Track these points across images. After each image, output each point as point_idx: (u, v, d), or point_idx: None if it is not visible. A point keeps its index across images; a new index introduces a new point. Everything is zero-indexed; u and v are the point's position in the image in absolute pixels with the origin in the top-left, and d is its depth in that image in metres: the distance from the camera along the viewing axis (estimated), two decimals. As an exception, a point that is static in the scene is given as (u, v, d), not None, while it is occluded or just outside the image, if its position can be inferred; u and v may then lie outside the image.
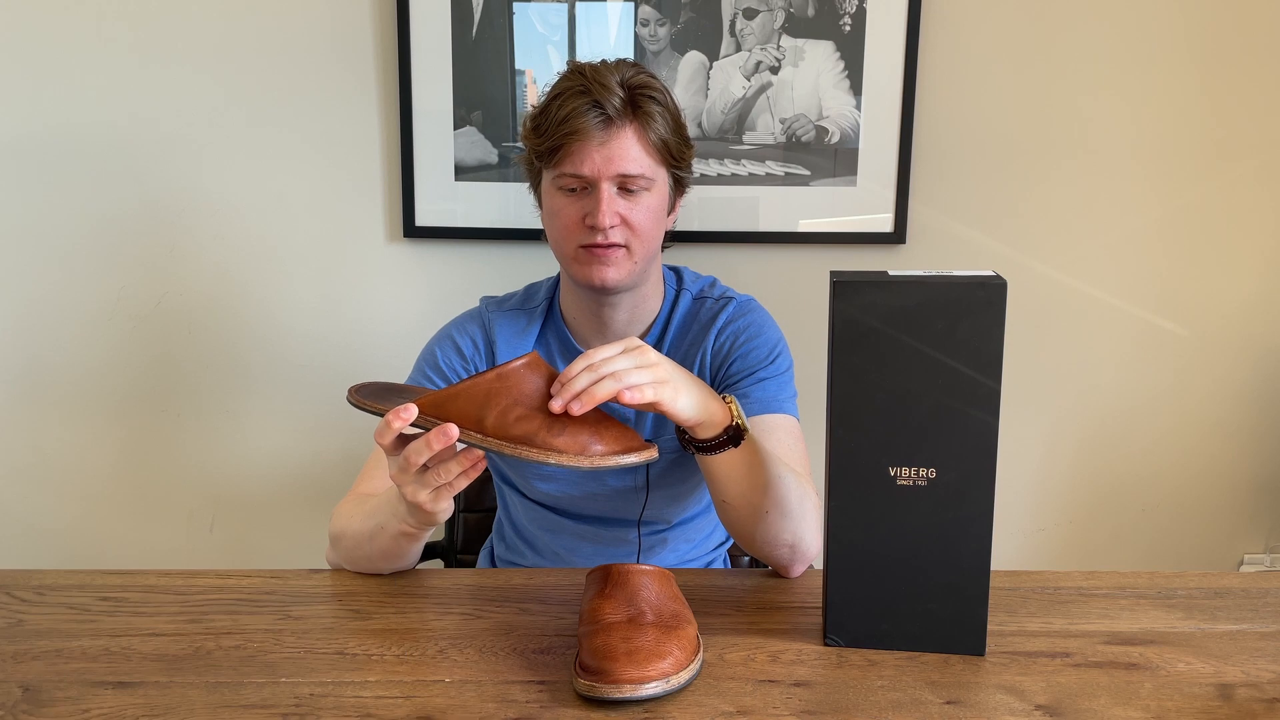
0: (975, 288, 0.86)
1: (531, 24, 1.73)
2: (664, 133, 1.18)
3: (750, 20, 1.73)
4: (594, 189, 1.17)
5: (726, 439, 1.01)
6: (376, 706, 0.84)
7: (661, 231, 1.24)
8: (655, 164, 1.19)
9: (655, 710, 0.83)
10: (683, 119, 1.23)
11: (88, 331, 1.84)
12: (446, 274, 1.83)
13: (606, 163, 1.15)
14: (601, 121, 1.15)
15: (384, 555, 1.08)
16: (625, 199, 1.18)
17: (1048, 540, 1.96)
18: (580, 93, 1.15)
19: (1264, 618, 1.00)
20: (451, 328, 1.33)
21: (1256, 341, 1.88)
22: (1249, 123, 1.79)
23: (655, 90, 1.18)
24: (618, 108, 1.15)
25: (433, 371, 1.28)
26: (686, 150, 1.23)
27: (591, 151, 1.15)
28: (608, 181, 1.16)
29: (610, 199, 1.16)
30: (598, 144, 1.15)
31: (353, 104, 1.77)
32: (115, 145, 1.78)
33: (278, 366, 1.86)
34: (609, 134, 1.15)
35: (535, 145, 1.20)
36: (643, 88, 1.17)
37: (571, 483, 1.28)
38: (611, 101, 1.14)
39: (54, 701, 0.85)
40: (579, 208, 1.18)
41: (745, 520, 1.07)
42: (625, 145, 1.16)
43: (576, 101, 1.15)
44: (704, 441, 1.01)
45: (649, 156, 1.18)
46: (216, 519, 1.92)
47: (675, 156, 1.21)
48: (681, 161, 1.23)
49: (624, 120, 1.16)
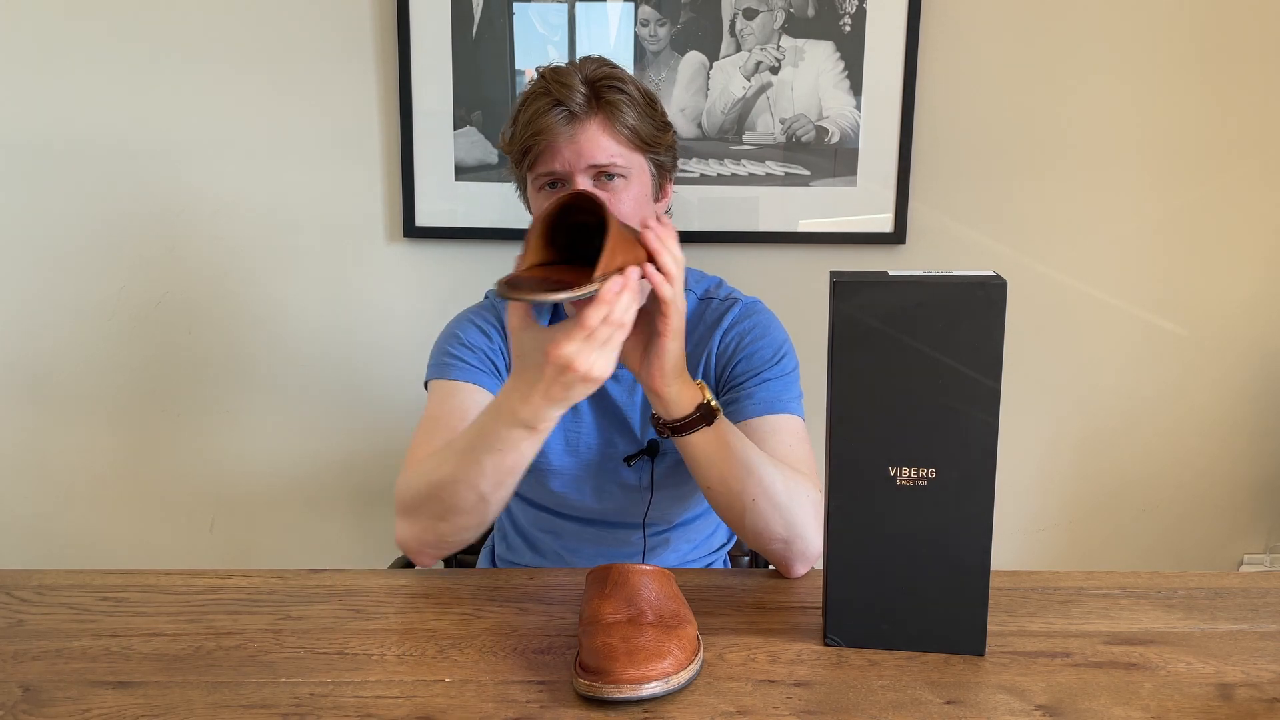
0: (975, 288, 0.86)
1: (531, 24, 1.73)
2: (632, 120, 1.18)
3: (750, 20, 1.73)
4: (570, 183, 1.17)
5: (699, 416, 1.03)
6: (376, 706, 0.84)
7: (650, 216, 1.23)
8: (628, 151, 1.19)
9: (655, 710, 0.83)
10: (657, 103, 1.23)
11: (88, 331, 1.84)
12: (446, 274, 1.83)
13: (576, 156, 1.16)
14: (565, 118, 1.16)
15: (508, 470, 1.04)
16: (604, 190, 1.18)
17: (1048, 540, 1.96)
18: (542, 94, 1.17)
19: (1264, 618, 1.00)
20: (467, 314, 1.32)
21: (1257, 342, 1.88)
22: (1250, 123, 1.79)
23: (618, 80, 1.19)
24: (580, 103, 1.16)
25: (462, 349, 1.26)
26: (662, 135, 1.23)
27: (560, 148, 1.17)
28: (581, 174, 1.17)
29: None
30: (565, 140, 1.16)
31: (353, 104, 1.77)
32: (115, 145, 1.78)
33: (278, 366, 1.86)
34: (575, 129, 1.16)
35: (510, 151, 1.23)
36: (604, 79, 1.18)
37: (579, 481, 1.28)
38: (574, 98, 1.16)
39: (54, 701, 0.85)
40: None
41: (733, 508, 1.08)
42: (592, 136, 1.17)
43: (539, 103, 1.17)
44: (677, 421, 1.04)
45: (619, 144, 1.18)
46: (216, 519, 1.92)
47: (649, 142, 1.21)
48: (658, 146, 1.22)
49: (589, 113, 1.17)
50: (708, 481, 1.08)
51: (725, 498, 1.08)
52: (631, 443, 1.26)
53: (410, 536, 1.13)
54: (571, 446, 1.26)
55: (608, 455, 1.26)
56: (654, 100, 1.23)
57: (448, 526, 1.10)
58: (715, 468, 1.06)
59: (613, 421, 1.26)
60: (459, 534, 1.11)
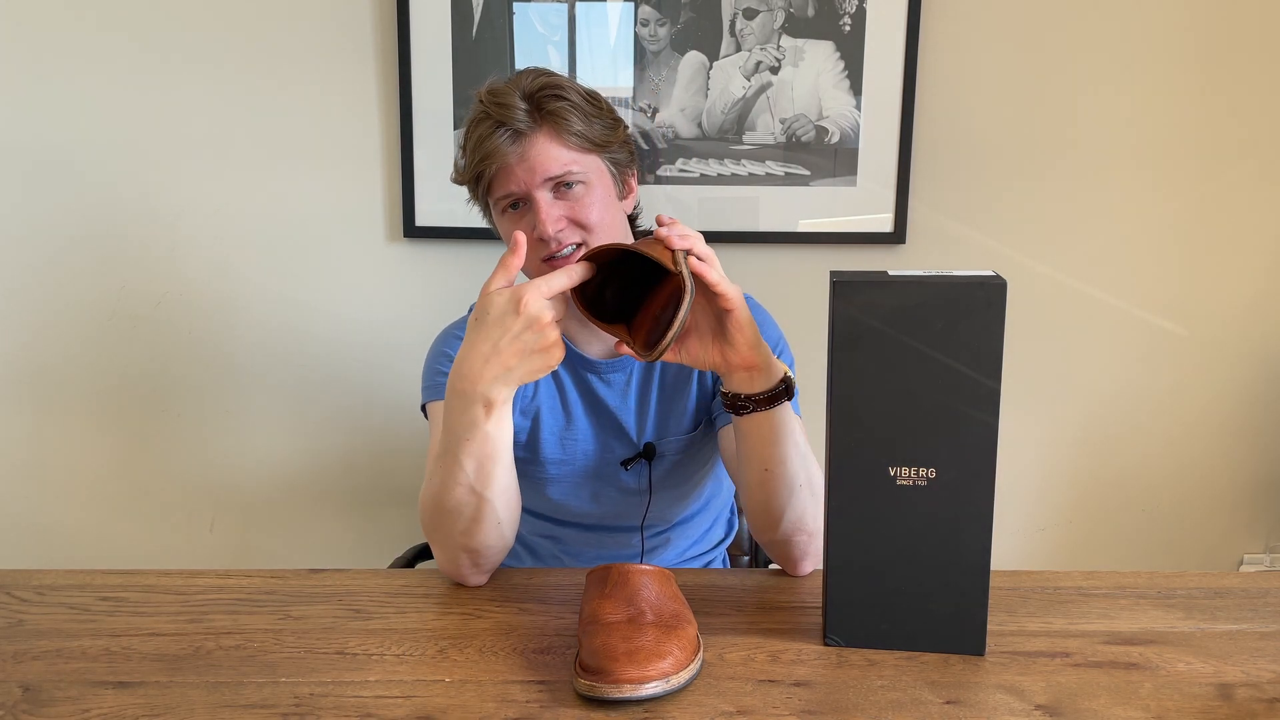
0: (975, 288, 0.86)
1: (531, 24, 1.73)
2: (579, 125, 1.18)
3: (750, 20, 1.73)
4: (531, 201, 1.17)
5: (784, 388, 1.03)
6: (376, 706, 0.84)
7: (617, 218, 1.23)
8: (581, 155, 1.18)
9: (655, 710, 0.83)
10: (602, 102, 1.22)
11: (88, 331, 1.84)
12: (446, 274, 1.83)
13: (530, 173, 1.16)
14: (511, 137, 1.16)
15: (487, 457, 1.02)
16: (564, 199, 1.18)
17: (1048, 540, 1.96)
18: (484, 118, 1.17)
19: (1264, 618, 1.00)
20: (452, 330, 1.31)
21: (1257, 343, 1.88)
22: (1249, 123, 1.79)
23: (556, 87, 1.18)
24: (523, 119, 1.16)
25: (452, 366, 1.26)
26: (613, 132, 1.22)
27: (513, 168, 1.16)
28: (540, 190, 1.16)
29: (548, 205, 1.16)
30: (516, 159, 1.16)
31: (353, 104, 1.77)
32: (115, 145, 1.78)
33: (277, 366, 1.86)
34: (523, 146, 1.16)
35: (464, 182, 1.23)
36: (542, 89, 1.17)
37: (577, 487, 1.28)
38: (515, 116, 1.15)
39: (54, 701, 0.85)
40: (526, 223, 1.18)
41: (781, 495, 1.07)
42: (541, 150, 1.16)
43: (482, 128, 1.17)
44: (767, 392, 1.02)
45: (571, 150, 1.17)
46: (216, 519, 1.92)
47: (600, 143, 1.20)
48: (610, 144, 1.21)
49: (534, 128, 1.16)
50: (770, 463, 1.06)
51: (781, 480, 1.06)
52: (627, 446, 1.26)
53: (444, 561, 1.11)
54: (568, 453, 1.26)
55: (604, 460, 1.26)
56: (597, 99, 1.22)
57: (468, 539, 1.06)
58: (781, 446, 1.05)
59: (608, 426, 1.26)
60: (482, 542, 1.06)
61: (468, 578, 1.09)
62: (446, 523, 1.07)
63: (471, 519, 1.05)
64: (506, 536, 1.09)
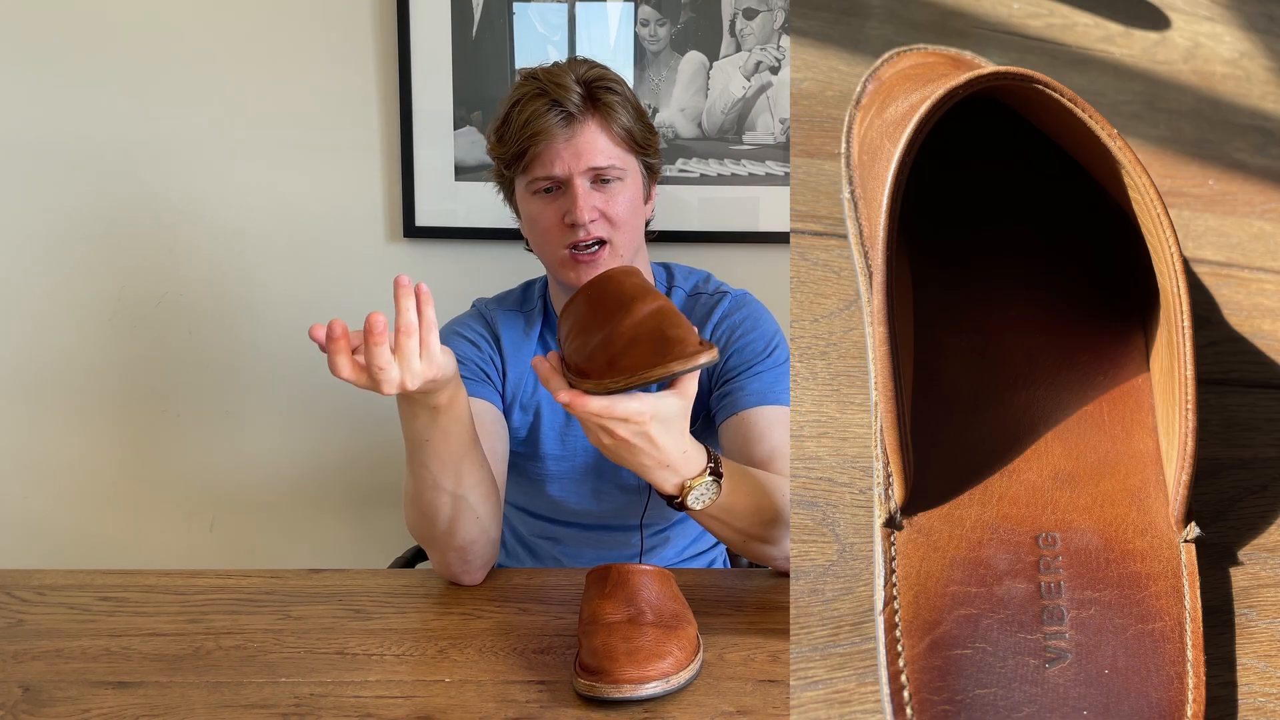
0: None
1: (531, 24, 1.73)
2: (627, 122, 1.18)
3: (750, 20, 1.73)
4: (568, 187, 1.17)
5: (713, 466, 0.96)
6: (376, 706, 0.84)
7: (641, 222, 1.24)
8: (624, 153, 1.19)
9: (655, 710, 0.83)
10: (643, 107, 1.24)
11: (88, 331, 1.84)
12: (446, 274, 1.82)
13: (576, 158, 1.15)
14: (563, 119, 1.15)
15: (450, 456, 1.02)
16: (601, 192, 1.18)
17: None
18: (538, 95, 1.16)
19: (1264, 618, 0.99)
20: (451, 327, 1.32)
21: (1256, 341, 1.88)
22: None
23: (612, 81, 1.19)
24: (578, 104, 1.15)
25: None
26: (652, 137, 1.24)
27: (559, 149, 1.15)
28: (580, 177, 1.16)
29: (586, 194, 1.16)
30: (564, 141, 1.15)
31: (353, 104, 1.77)
32: (115, 145, 1.78)
33: (278, 366, 1.86)
34: (573, 130, 1.15)
35: (501, 154, 1.21)
36: (599, 80, 1.18)
37: (577, 485, 1.27)
38: (571, 99, 1.15)
39: (54, 701, 0.85)
40: (556, 208, 1.18)
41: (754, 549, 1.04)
42: (591, 138, 1.16)
43: (536, 104, 1.15)
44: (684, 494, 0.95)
45: (616, 146, 1.18)
46: (216, 519, 1.92)
47: (642, 144, 1.21)
48: (648, 148, 1.23)
49: (586, 115, 1.16)
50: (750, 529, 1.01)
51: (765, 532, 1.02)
52: None
53: (435, 562, 1.11)
54: (568, 448, 1.26)
55: (604, 457, 1.26)
56: (641, 104, 1.24)
57: (450, 538, 1.06)
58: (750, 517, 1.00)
59: None
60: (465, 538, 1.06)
61: (460, 576, 1.09)
62: (426, 525, 1.07)
63: (450, 518, 1.05)
64: (489, 530, 1.08)
